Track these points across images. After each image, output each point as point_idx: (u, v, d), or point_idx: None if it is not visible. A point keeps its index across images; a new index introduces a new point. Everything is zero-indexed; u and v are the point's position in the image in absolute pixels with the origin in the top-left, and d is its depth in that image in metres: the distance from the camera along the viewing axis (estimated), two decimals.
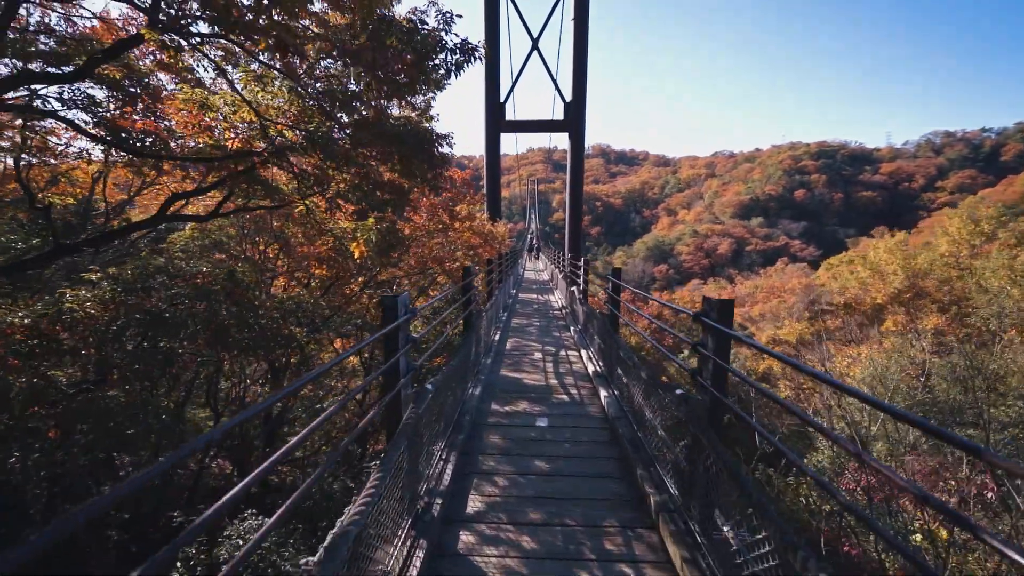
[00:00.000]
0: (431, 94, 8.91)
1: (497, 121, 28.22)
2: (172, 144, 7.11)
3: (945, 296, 15.51)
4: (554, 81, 27.79)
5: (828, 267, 76.01)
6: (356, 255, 4.57)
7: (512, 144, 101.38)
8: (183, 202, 10.54)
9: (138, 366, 8.02)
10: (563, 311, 11.14)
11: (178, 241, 9.99)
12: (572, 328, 8.58)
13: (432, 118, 8.57)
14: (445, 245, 15.03)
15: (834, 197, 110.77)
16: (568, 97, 27.73)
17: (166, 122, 6.51)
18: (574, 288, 9.07)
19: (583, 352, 6.77)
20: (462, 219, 12.11)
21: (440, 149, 8.29)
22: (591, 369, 5.86)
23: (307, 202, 5.99)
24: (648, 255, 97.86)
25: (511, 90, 28.53)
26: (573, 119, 27.59)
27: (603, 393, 4.88)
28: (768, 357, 18.52)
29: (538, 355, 7.07)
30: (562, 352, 7.25)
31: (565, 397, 5.14)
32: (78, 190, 10.25)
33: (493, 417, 4.59)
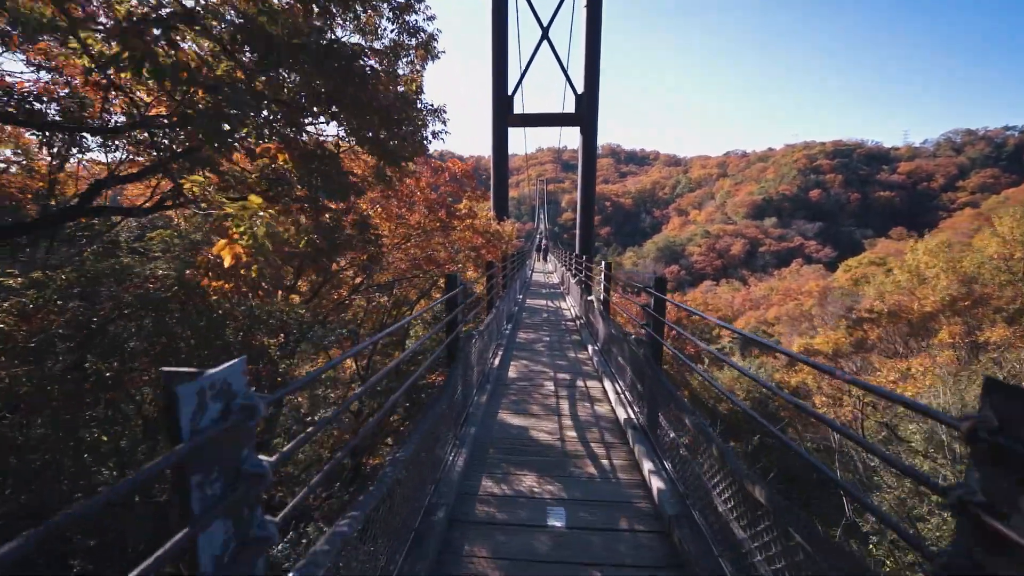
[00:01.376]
0: (419, 66, 7.38)
1: (504, 115, 26.66)
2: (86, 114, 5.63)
3: (1011, 304, 13.72)
4: (565, 71, 26.19)
5: (847, 268, 74.12)
6: (227, 260, 2.97)
7: (521, 143, 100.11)
8: (149, 190, 9.06)
9: (52, 390, 6.57)
10: (577, 322, 9.56)
11: (157, 239, 8.65)
12: (590, 347, 6.99)
13: (420, 89, 7.03)
14: (447, 245, 13.56)
15: (850, 197, 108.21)
16: (580, 89, 26.11)
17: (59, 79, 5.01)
18: (592, 298, 7.48)
19: (607, 384, 5.18)
20: (461, 216, 10.52)
21: (426, 123, 6.76)
22: (622, 415, 4.27)
23: (193, 177, 4.36)
24: (659, 256, 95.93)
25: (519, 81, 26.97)
26: (585, 112, 25.95)
27: (647, 466, 3.29)
28: (801, 369, 16.79)
29: (549, 387, 5.48)
30: (580, 383, 5.65)
31: (590, 467, 3.54)
32: (39, 183, 8.90)
33: (482, 504, 3.02)
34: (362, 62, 3.82)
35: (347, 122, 4.05)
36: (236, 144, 3.38)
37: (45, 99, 4.90)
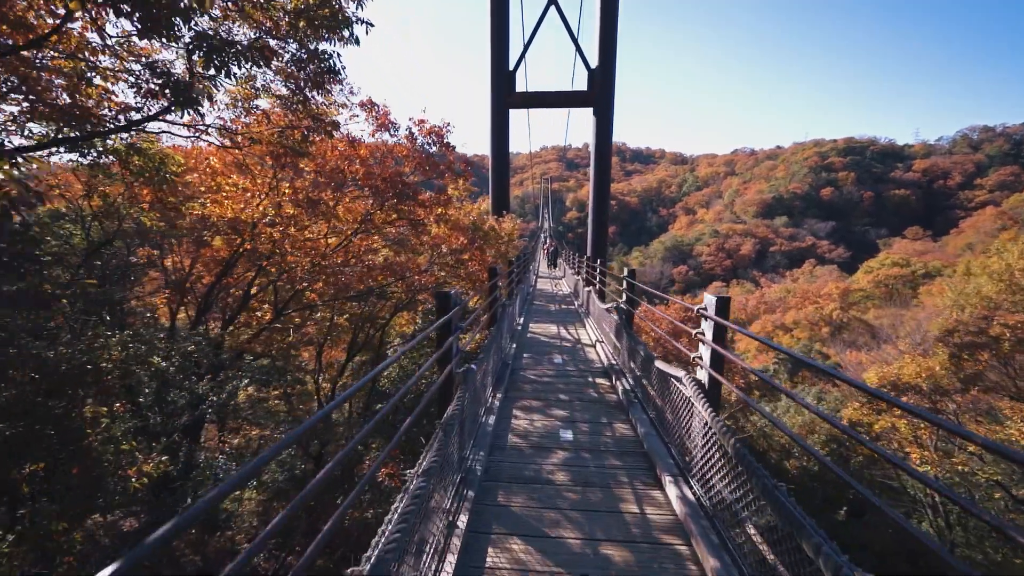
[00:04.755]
0: None
1: (505, 94, 22.74)
2: None
3: None
4: (575, 40, 22.26)
5: (868, 270, 69.76)
6: None
7: (524, 142, 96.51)
8: None
9: None
10: (615, 381, 5.70)
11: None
12: (667, 477, 3.14)
13: None
14: (427, 247, 9.80)
15: (863, 196, 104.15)
16: (593, 62, 22.18)
17: None
18: (680, 375, 3.54)
19: None
20: (426, 203, 6.50)
21: None
22: None
23: None
24: (666, 255, 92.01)
25: (522, 54, 23.01)
26: (600, 89, 21.99)
27: None
28: (890, 410, 12.89)
29: None
30: None
31: None
32: None
33: None
34: None
35: None
36: None
37: None
